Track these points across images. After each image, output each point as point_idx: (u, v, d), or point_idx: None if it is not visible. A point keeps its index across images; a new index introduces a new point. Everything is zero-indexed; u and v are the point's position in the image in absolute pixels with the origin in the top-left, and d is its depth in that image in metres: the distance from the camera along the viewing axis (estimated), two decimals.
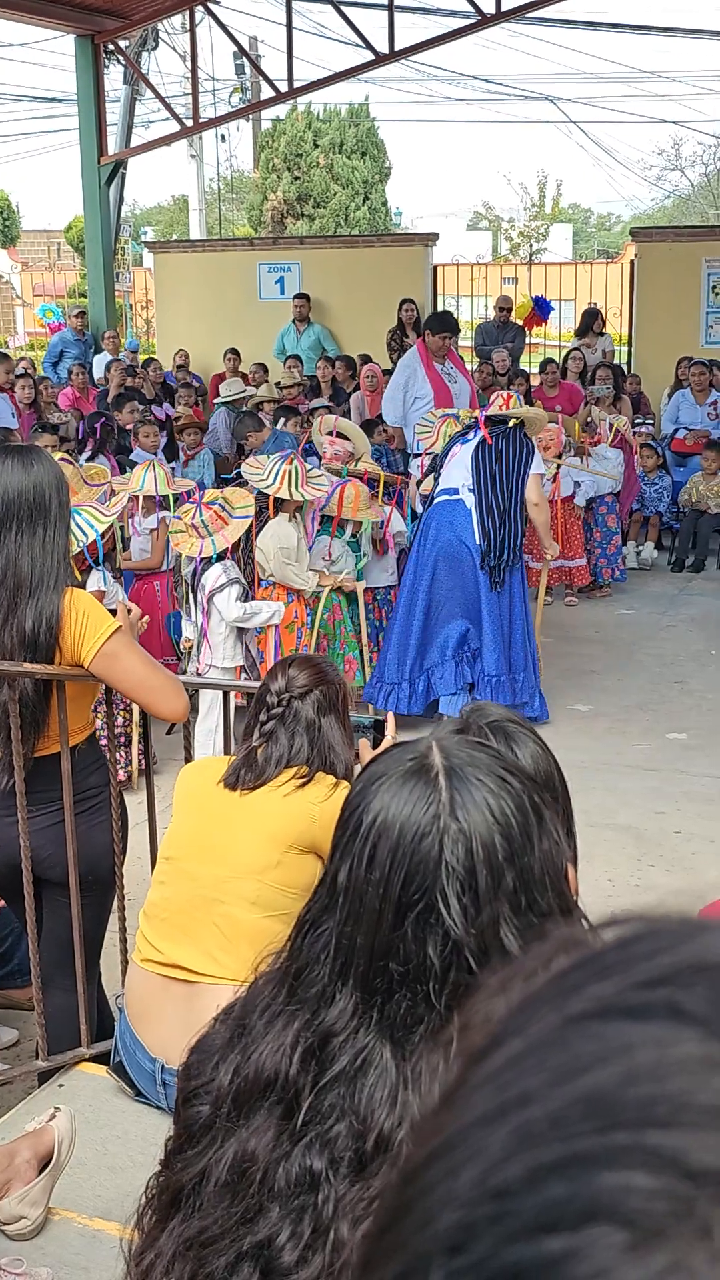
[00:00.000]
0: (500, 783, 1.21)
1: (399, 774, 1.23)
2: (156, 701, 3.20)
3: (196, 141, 22.51)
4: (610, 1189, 0.34)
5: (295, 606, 6.29)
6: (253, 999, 1.33)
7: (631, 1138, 0.34)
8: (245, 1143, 1.23)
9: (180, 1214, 1.28)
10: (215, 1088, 1.29)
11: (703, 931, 0.41)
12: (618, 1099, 0.35)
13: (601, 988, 0.40)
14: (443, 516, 6.47)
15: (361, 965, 1.20)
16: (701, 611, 9.15)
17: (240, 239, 19.37)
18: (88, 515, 5.37)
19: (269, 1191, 1.20)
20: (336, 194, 25.69)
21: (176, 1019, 2.80)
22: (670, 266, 12.64)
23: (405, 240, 15.48)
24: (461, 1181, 0.37)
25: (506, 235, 35.51)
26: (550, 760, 1.77)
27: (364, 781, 1.26)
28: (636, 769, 6.25)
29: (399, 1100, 1.17)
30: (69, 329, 14.25)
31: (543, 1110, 0.36)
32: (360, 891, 1.20)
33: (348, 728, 2.92)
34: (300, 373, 12.58)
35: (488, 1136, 0.37)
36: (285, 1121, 1.22)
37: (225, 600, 5.74)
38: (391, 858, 1.18)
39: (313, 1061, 1.21)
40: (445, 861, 1.16)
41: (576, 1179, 0.34)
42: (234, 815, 2.87)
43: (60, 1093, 3.27)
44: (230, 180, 31.28)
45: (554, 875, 1.20)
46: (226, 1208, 1.22)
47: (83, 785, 3.33)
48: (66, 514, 3.25)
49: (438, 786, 1.20)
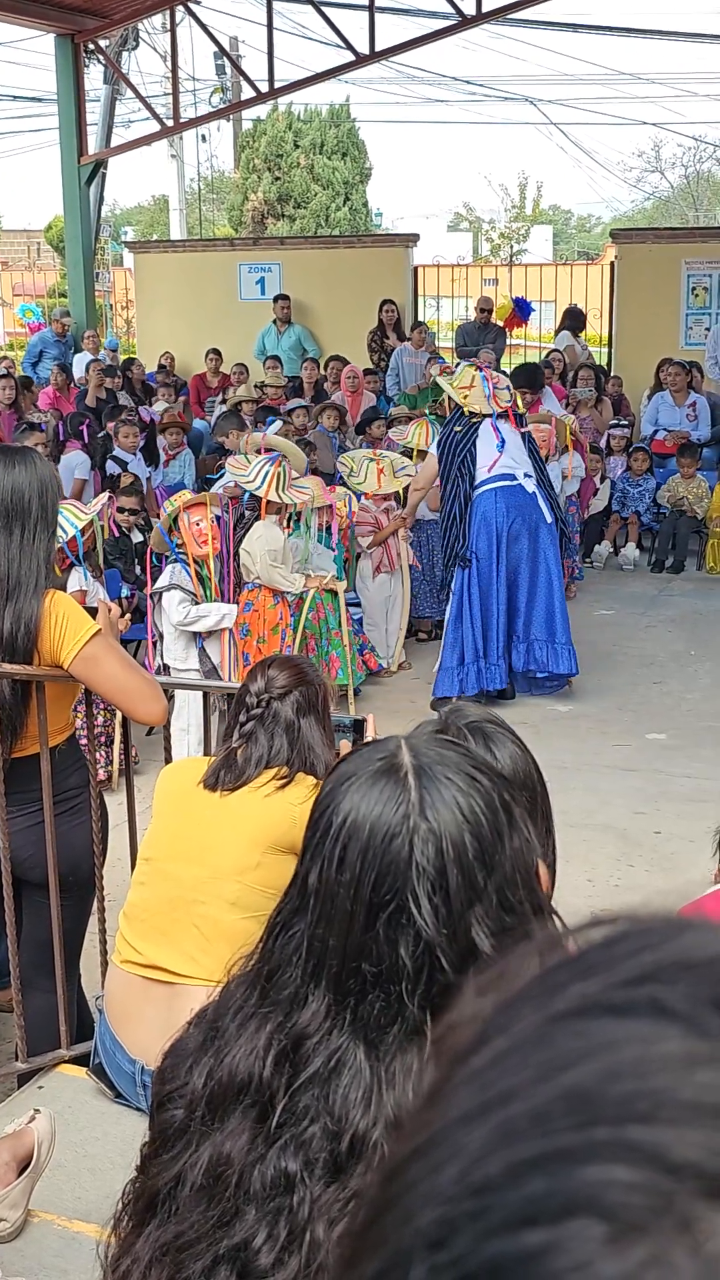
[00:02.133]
0: (470, 781, 1.20)
1: (368, 774, 1.22)
2: (134, 704, 3.19)
3: (177, 141, 22.48)
4: (591, 1183, 0.34)
5: (281, 609, 6.29)
6: (225, 1001, 1.33)
7: (612, 1133, 0.35)
8: (220, 1146, 1.23)
9: (156, 1219, 1.27)
10: (189, 1091, 1.29)
11: (686, 930, 0.41)
12: (599, 1095, 0.36)
13: (585, 986, 0.40)
14: (509, 500, 6.83)
15: (334, 967, 1.20)
16: (681, 612, 9.19)
17: (221, 239, 19.37)
18: (67, 512, 5.36)
19: (245, 1194, 1.19)
20: (317, 194, 25.68)
21: (157, 1020, 2.79)
22: (650, 268, 12.69)
23: (386, 241, 15.49)
24: (443, 1178, 0.37)
25: (487, 236, 35.58)
26: (529, 760, 1.76)
27: (333, 782, 1.25)
28: (616, 769, 6.27)
29: (374, 1101, 1.16)
30: (49, 329, 14.20)
31: (525, 1107, 0.37)
32: (331, 893, 1.20)
33: (328, 728, 2.91)
34: (282, 373, 12.58)
35: (470, 1133, 0.37)
36: (260, 1124, 1.21)
37: (170, 602, 5.77)
38: (362, 859, 1.18)
39: (286, 1064, 1.21)
40: (416, 862, 1.16)
41: (557, 1174, 0.34)
42: (214, 816, 2.86)
43: (40, 1095, 3.26)
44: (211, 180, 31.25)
45: (524, 873, 1.20)
46: (203, 1212, 1.22)
47: (63, 786, 3.31)
48: (50, 516, 3.22)
49: (407, 786, 1.20)
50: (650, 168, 35.57)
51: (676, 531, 10.43)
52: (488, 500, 6.86)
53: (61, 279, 19.41)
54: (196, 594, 5.80)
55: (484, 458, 6.93)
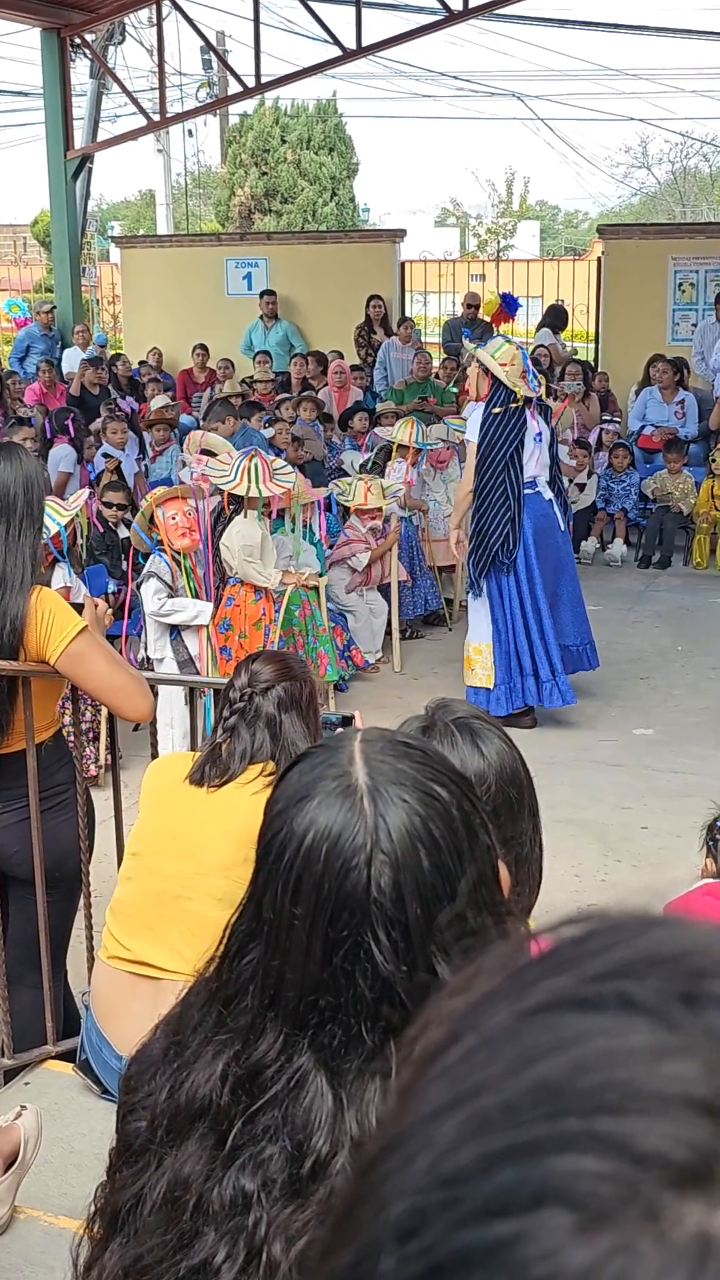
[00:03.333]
0: (427, 800, 1.15)
1: (321, 794, 1.17)
2: (121, 701, 3.19)
3: (163, 136, 22.41)
4: (559, 1174, 0.34)
5: (264, 604, 6.29)
6: (187, 1012, 1.29)
7: (581, 1124, 0.35)
8: (179, 1170, 1.20)
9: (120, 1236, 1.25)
10: (152, 1104, 1.26)
11: (655, 926, 0.42)
12: (568, 1087, 0.36)
13: (555, 982, 0.40)
14: (537, 510, 6.53)
15: (290, 1001, 1.16)
16: (667, 607, 9.20)
17: (208, 234, 19.32)
18: (49, 508, 5.35)
19: (204, 1216, 1.17)
20: (304, 190, 25.64)
21: (143, 1016, 2.74)
22: (637, 264, 12.70)
23: (373, 237, 15.47)
24: (414, 1170, 0.38)
25: (474, 232, 35.56)
26: (516, 756, 1.75)
27: (285, 800, 1.20)
28: (603, 764, 6.28)
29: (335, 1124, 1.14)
30: (35, 324, 14.16)
31: (495, 1099, 0.37)
32: (286, 924, 1.15)
33: (315, 724, 2.90)
34: (271, 368, 12.57)
35: (441, 1126, 0.38)
36: (218, 1149, 1.19)
37: (147, 591, 5.80)
38: (317, 893, 1.14)
39: (243, 1094, 1.18)
40: (374, 898, 1.12)
41: (526, 1165, 0.35)
42: (201, 812, 2.85)
43: (26, 1091, 3.26)
44: (198, 175, 31.18)
45: (488, 888, 1.17)
46: (161, 1235, 1.20)
47: (49, 782, 3.31)
48: (36, 513, 3.20)
49: (362, 812, 1.14)
50: (637, 163, 35.61)
51: (663, 527, 10.45)
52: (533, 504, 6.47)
53: (48, 274, 19.34)
54: (174, 585, 5.81)
55: (529, 452, 6.41)
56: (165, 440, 10.41)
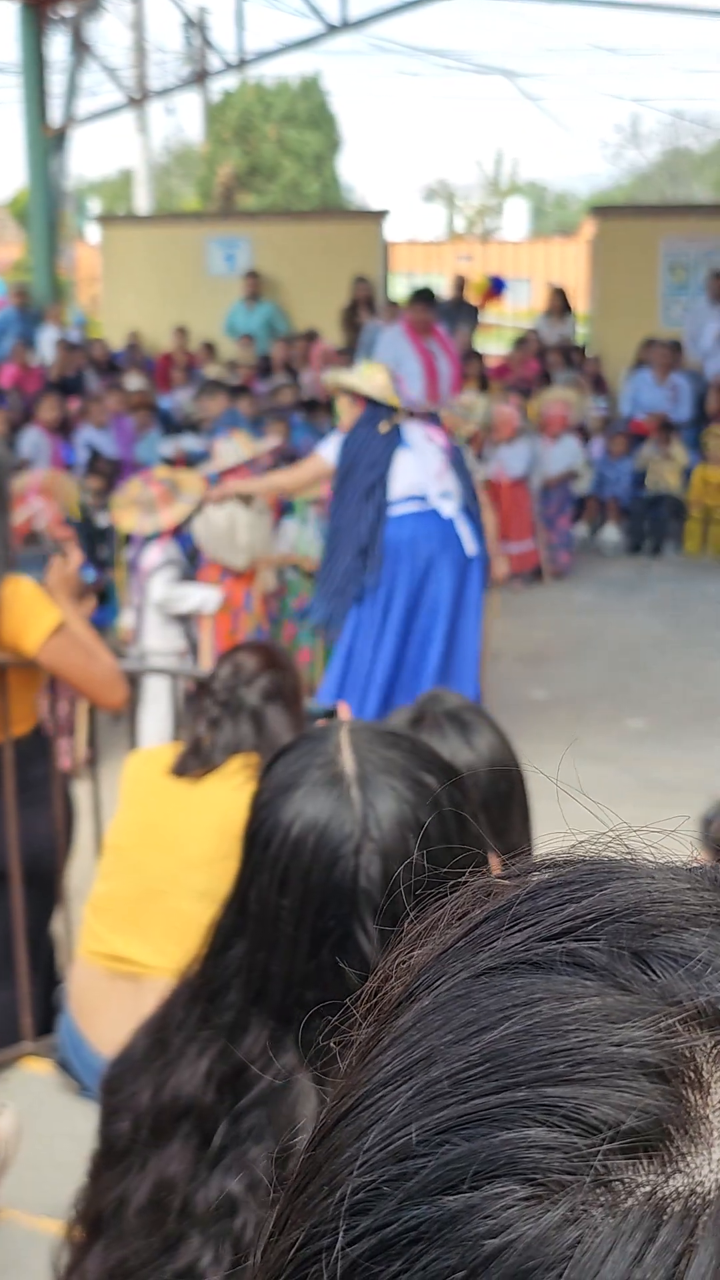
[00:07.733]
0: (416, 788, 1.13)
1: (308, 784, 1.15)
2: (98, 691, 3.17)
3: (143, 113, 22.11)
4: (509, 1146, 0.34)
5: (230, 585, 6.00)
6: (170, 1012, 1.27)
7: (530, 1094, 0.35)
8: (163, 1170, 1.19)
9: (103, 1239, 1.24)
10: (135, 1105, 1.24)
11: (610, 879, 0.41)
12: (517, 1055, 0.36)
13: (509, 940, 0.40)
14: (422, 529, 5.45)
15: (276, 995, 1.14)
16: (660, 596, 9.09)
17: (189, 213, 19.06)
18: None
19: (188, 1219, 1.16)
20: (287, 167, 25.38)
21: (123, 1013, 2.72)
22: (628, 245, 12.53)
23: (358, 217, 15.25)
24: (367, 1144, 0.37)
25: (462, 210, 35.32)
26: (508, 749, 1.75)
27: (271, 791, 1.17)
28: (595, 757, 6.15)
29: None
30: (11, 307, 13.90)
31: (445, 1070, 0.37)
32: (273, 917, 1.14)
33: (299, 716, 2.87)
34: (255, 351, 12.38)
35: (393, 1098, 0.38)
36: (202, 1150, 1.17)
37: (159, 582, 5.69)
38: (304, 884, 1.12)
39: (228, 1091, 1.17)
40: (362, 888, 1.10)
41: (475, 1137, 0.35)
42: (183, 805, 2.82)
43: (4, 1089, 3.19)
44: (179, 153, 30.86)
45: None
46: (145, 1237, 1.18)
47: (27, 776, 3.25)
48: (6, 500, 3.11)
49: (350, 801, 1.12)
50: (628, 143, 35.43)
51: (656, 514, 10.29)
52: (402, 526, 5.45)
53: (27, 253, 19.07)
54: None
55: (402, 472, 5.46)
56: (147, 424, 10.26)
